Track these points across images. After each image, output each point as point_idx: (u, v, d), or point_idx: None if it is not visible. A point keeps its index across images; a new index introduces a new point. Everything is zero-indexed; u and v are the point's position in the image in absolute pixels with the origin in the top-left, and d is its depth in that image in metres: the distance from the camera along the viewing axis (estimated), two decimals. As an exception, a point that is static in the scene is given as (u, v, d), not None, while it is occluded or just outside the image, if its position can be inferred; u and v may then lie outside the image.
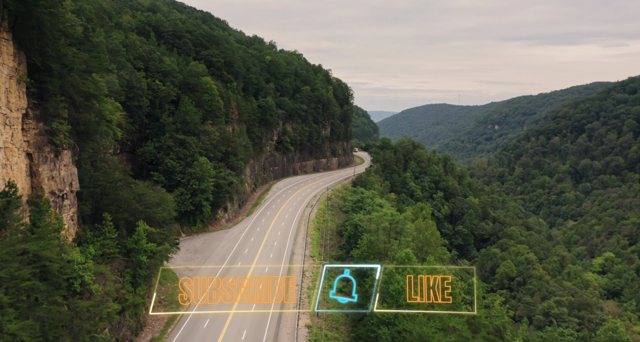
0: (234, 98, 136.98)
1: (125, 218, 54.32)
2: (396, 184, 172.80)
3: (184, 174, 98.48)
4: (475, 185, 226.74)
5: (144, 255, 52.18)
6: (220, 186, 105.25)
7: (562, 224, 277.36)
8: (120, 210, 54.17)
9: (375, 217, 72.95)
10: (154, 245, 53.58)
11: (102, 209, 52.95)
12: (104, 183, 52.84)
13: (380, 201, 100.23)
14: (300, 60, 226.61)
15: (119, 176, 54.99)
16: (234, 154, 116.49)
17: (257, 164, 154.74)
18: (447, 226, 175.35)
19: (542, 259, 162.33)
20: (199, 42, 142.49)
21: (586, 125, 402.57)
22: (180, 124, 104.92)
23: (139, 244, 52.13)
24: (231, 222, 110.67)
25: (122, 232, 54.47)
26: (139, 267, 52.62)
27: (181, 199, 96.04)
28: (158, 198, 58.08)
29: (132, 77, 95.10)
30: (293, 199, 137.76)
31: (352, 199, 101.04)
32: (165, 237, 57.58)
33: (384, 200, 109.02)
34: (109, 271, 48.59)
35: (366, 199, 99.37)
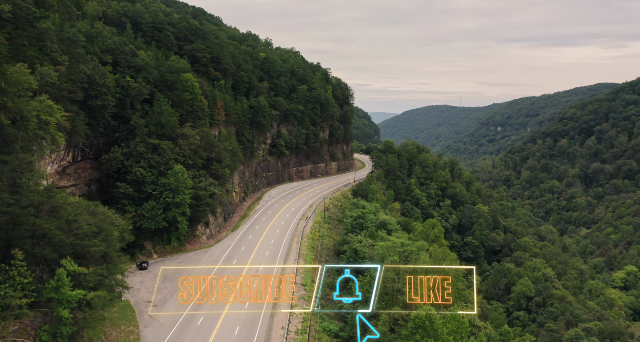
0: (221, 97, 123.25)
1: (45, 255, 40.36)
2: (400, 191, 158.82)
3: (156, 184, 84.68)
4: (483, 191, 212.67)
5: (65, 307, 38.17)
6: (199, 198, 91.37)
7: (574, 231, 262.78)
8: (39, 244, 40.30)
9: (381, 248, 59.23)
10: (83, 292, 39.59)
11: (13, 243, 39.08)
12: (15, 209, 38.88)
13: (384, 216, 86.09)
14: (297, 58, 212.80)
15: (39, 198, 40.99)
16: (218, 160, 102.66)
17: (248, 170, 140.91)
18: (456, 237, 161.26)
19: (561, 274, 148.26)
20: (182, 35, 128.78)
21: (595, 127, 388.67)
22: (154, 127, 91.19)
23: (59, 292, 38.19)
24: (213, 239, 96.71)
25: (41, 274, 40.54)
26: (60, 323, 38.59)
27: (152, 215, 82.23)
28: (96, 225, 44.08)
29: (94, 71, 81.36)
30: (286, 210, 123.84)
31: (352, 215, 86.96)
32: (104, 278, 43.53)
33: (388, 215, 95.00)
34: (9, 333, 34.65)
35: (368, 215, 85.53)
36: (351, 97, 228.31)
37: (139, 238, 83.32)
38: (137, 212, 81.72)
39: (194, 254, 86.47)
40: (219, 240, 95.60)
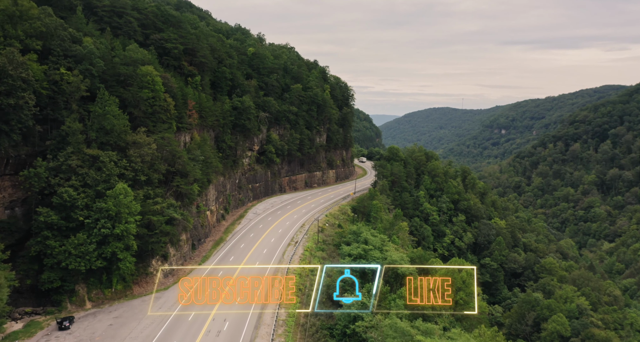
0: (195, 96, 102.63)
1: None
2: (407, 205, 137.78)
3: (90, 210, 63.89)
4: (499, 202, 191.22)
5: None
6: (152, 225, 70.55)
7: (595, 245, 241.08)
8: None
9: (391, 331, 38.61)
10: None
11: None
12: None
13: (394, 255, 63.89)
14: (292, 54, 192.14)
15: None
16: (183, 174, 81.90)
17: (230, 182, 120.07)
18: (471, 258, 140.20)
19: (595, 303, 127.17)
20: (150, 23, 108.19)
21: (609, 130, 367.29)
22: (96, 133, 70.56)
23: None
24: (173, 276, 75.72)
25: None
26: None
27: (81, 252, 61.35)
28: None
29: (7, 60, 60.75)
30: (272, 232, 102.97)
31: (352, 253, 64.27)
32: None
33: (399, 250, 73.69)
34: None
35: (371, 253, 63.85)
36: (351, 98, 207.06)
37: (67, 281, 62.69)
38: (61, 248, 60.94)
39: (141, 301, 65.49)
40: (179, 278, 74.44)
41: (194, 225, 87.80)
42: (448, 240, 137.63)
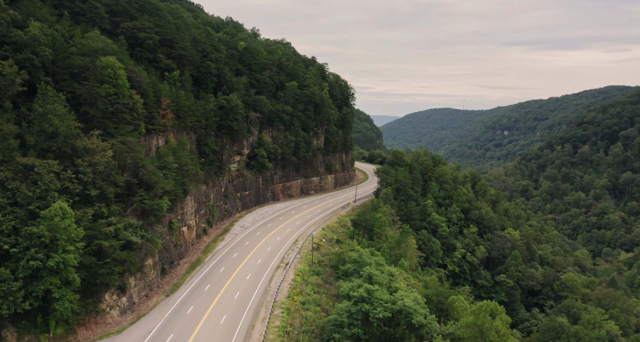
0: (171, 94, 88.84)
1: None
2: (414, 216, 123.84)
3: (17, 236, 50.09)
4: (512, 211, 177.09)
5: None
6: (103, 253, 56.67)
7: (610, 254, 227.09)
8: None
9: None
10: None
11: None
12: None
13: (408, 302, 49.04)
14: (287, 49, 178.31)
15: None
16: (148, 186, 68.01)
17: (214, 191, 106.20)
18: (484, 275, 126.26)
19: (624, 327, 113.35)
20: (121, 9, 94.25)
21: (619, 132, 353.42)
22: (35, 137, 56.81)
23: None
24: (132, 312, 61.73)
25: None
26: None
27: (2, 292, 47.51)
28: None
29: None
30: (260, 250, 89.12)
31: (353, 294, 49.32)
32: None
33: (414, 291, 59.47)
34: None
35: (377, 295, 49.62)
36: (352, 98, 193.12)
37: (-12, 327, 48.85)
38: (-24, 286, 47.15)
39: (85, 351, 51.53)
40: (140, 316, 60.64)
41: (164, 246, 73.98)
42: (459, 254, 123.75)
